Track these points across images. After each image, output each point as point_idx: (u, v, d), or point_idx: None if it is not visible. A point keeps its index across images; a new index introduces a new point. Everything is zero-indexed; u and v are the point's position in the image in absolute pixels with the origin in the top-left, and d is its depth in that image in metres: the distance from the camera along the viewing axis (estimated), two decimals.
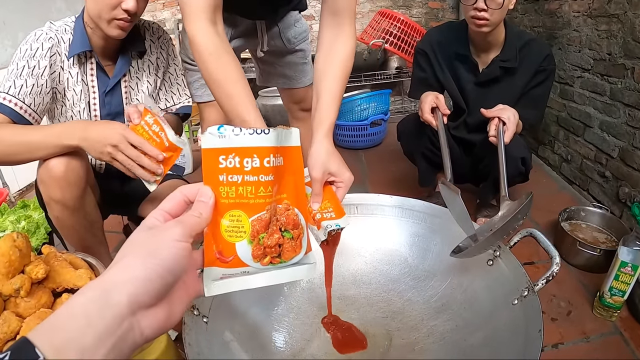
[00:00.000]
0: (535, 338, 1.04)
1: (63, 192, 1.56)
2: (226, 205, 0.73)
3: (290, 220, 0.79)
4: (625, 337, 1.78)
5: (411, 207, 1.65)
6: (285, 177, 0.80)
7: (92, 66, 1.75)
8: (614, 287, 1.78)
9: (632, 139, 2.41)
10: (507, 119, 2.01)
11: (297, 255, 0.78)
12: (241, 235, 0.73)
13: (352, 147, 3.95)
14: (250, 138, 0.74)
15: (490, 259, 1.37)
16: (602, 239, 2.28)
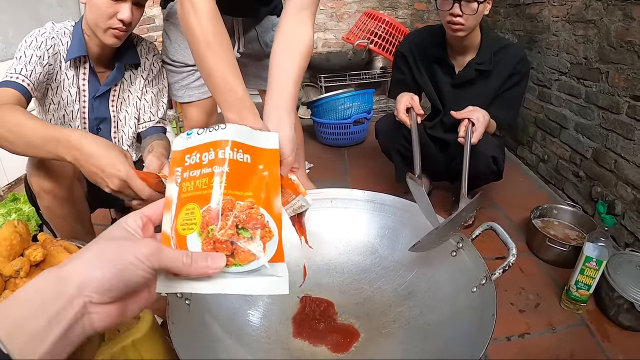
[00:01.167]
0: (489, 320, 1.12)
1: (53, 182, 1.62)
2: (184, 199, 0.73)
3: (252, 218, 0.72)
4: (591, 329, 1.84)
5: (382, 202, 1.72)
6: (252, 176, 0.78)
7: (85, 71, 1.81)
8: (580, 281, 1.84)
9: (605, 141, 2.48)
10: (477, 120, 2.09)
11: (256, 259, 0.70)
12: (192, 227, 0.70)
13: (335, 145, 3.99)
14: (209, 134, 0.78)
15: (454, 250, 1.46)
16: (573, 236, 2.34)
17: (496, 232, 1.39)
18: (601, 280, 1.86)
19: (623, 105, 2.31)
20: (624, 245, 2.30)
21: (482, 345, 1.05)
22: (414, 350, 1.30)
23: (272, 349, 1.38)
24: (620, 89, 2.33)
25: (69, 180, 1.68)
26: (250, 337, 1.39)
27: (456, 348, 1.17)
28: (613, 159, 2.41)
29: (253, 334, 1.41)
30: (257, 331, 1.42)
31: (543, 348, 1.75)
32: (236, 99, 1.29)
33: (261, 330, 1.43)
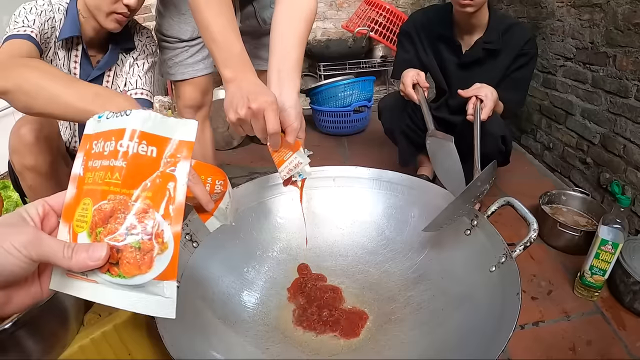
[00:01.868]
0: (513, 300, 1.04)
1: (36, 158, 1.57)
2: (84, 192, 0.64)
3: (143, 227, 0.61)
4: (606, 317, 1.78)
5: (389, 180, 1.64)
6: (154, 173, 0.64)
7: (78, 53, 1.74)
8: (595, 266, 1.78)
9: (613, 126, 2.42)
10: (485, 96, 2.03)
11: (141, 274, 0.60)
12: (82, 226, 0.62)
13: (335, 134, 3.94)
14: (114, 120, 0.66)
15: (468, 228, 1.37)
16: (582, 223, 2.28)
17: (514, 207, 1.30)
18: (616, 266, 1.79)
19: (632, 89, 2.25)
20: (635, 232, 2.24)
21: (509, 328, 0.96)
22: (428, 338, 1.22)
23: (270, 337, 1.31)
24: (628, 72, 2.27)
25: (52, 155, 1.64)
26: (246, 324, 1.32)
27: (475, 334, 1.08)
28: (622, 144, 2.35)
29: (249, 320, 1.34)
30: (254, 317, 1.36)
31: (558, 336, 1.69)
32: (234, 54, 1.26)
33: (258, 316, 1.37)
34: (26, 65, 1.27)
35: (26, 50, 1.43)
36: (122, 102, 1.12)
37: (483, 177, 1.43)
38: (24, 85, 1.19)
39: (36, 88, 1.19)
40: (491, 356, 0.91)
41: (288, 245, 1.59)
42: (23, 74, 1.22)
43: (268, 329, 1.33)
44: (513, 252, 1.17)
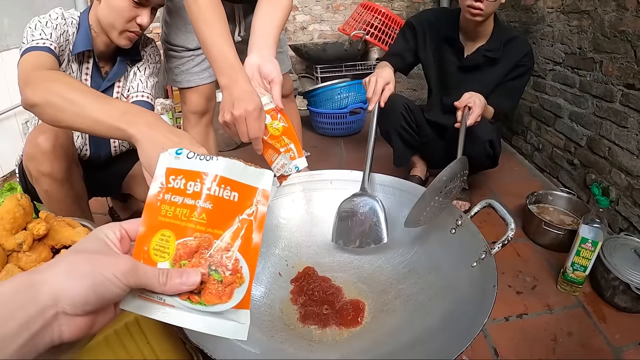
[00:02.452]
0: (490, 291, 1.15)
1: (52, 165, 1.63)
2: (162, 223, 0.71)
3: (225, 263, 0.70)
4: (587, 310, 1.87)
5: (381, 182, 1.75)
6: (235, 216, 0.73)
7: (89, 65, 1.82)
8: (576, 262, 1.88)
9: (599, 129, 2.52)
10: (473, 104, 2.13)
11: (221, 303, 0.69)
12: (164, 256, 0.69)
13: (332, 135, 4.03)
14: (199, 163, 0.73)
15: (453, 227, 1.49)
16: (568, 221, 2.38)
17: (494, 208, 1.42)
18: (597, 263, 1.89)
19: (617, 94, 2.35)
20: (619, 231, 2.33)
21: (484, 314, 1.07)
22: (416, 324, 1.32)
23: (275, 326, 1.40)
24: (614, 78, 2.37)
25: (67, 162, 1.70)
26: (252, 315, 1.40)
27: (457, 320, 1.19)
28: (607, 147, 2.45)
29: (255, 311, 1.42)
30: (259, 308, 1.45)
31: (541, 328, 1.78)
32: (228, 65, 1.42)
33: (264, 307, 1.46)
34: (53, 78, 1.28)
35: (48, 63, 1.49)
36: (150, 118, 1.12)
37: (447, 172, 1.58)
38: (52, 98, 1.21)
39: (64, 102, 1.19)
40: (470, 337, 1.02)
41: (289, 243, 1.68)
42: (51, 88, 1.23)
43: (272, 318, 1.43)
44: (492, 250, 1.29)
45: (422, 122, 2.73)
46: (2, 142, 3.31)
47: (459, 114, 2.16)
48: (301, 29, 4.96)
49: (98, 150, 2.00)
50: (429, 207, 1.50)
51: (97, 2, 1.71)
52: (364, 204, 1.63)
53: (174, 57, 2.14)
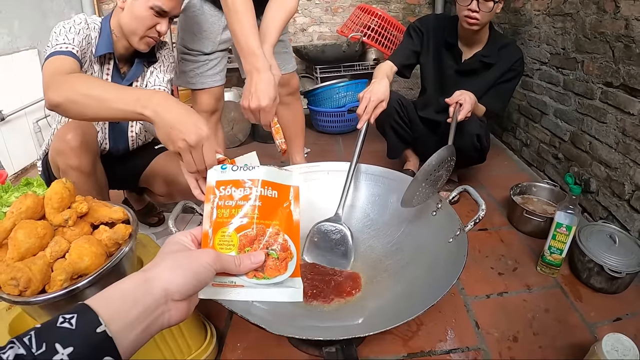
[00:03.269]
0: (460, 259, 1.34)
1: (80, 159, 1.76)
2: (221, 223, 0.89)
3: (278, 244, 0.89)
4: (565, 291, 1.99)
5: (373, 173, 1.94)
6: (278, 208, 0.94)
7: (109, 67, 1.96)
8: (552, 246, 2.02)
9: (581, 124, 2.65)
10: (464, 101, 2.28)
11: (280, 275, 0.86)
12: (230, 248, 0.87)
13: (331, 132, 4.18)
14: (244, 173, 0.95)
15: (434, 210, 1.68)
16: (550, 211, 2.50)
17: (469, 192, 1.60)
18: (573, 246, 2.03)
19: (597, 92, 2.48)
20: (599, 219, 2.45)
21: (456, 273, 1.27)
22: (401, 292, 1.50)
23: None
24: (594, 77, 2.50)
25: (93, 156, 1.82)
26: None
27: (435, 284, 1.35)
28: (588, 141, 2.58)
29: None
30: None
31: (520, 305, 1.91)
32: (251, 53, 1.66)
33: None
34: (72, 80, 1.44)
35: (69, 66, 1.61)
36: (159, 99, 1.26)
37: (435, 157, 1.75)
38: (74, 96, 1.36)
39: (85, 98, 1.34)
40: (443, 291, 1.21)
41: None
42: (72, 87, 1.39)
43: None
44: (466, 227, 1.47)
45: (414, 117, 2.87)
46: (14, 141, 3.38)
47: (450, 110, 2.30)
48: (301, 31, 5.05)
49: (117, 144, 2.13)
50: (420, 188, 1.67)
51: (119, 10, 1.85)
52: (337, 231, 1.75)
53: (190, 60, 2.33)
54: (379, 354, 1.66)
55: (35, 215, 1.23)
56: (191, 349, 1.52)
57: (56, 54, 1.63)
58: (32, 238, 1.13)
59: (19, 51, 3.41)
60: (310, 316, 1.46)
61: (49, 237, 1.19)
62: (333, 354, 1.37)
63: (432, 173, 1.73)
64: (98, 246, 1.18)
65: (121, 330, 0.61)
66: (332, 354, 1.37)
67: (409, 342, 1.71)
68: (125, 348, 0.61)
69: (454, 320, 1.82)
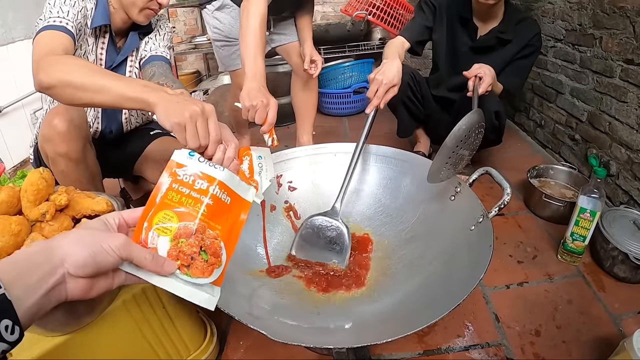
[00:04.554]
0: (486, 251, 1.20)
1: (68, 145, 1.68)
2: (167, 204, 0.87)
3: (213, 247, 0.87)
4: (587, 280, 1.91)
5: (383, 154, 1.81)
6: (226, 216, 0.93)
7: (105, 40, 1.87)
8: (575, 233, 1.91)
9: (599, 104, 2.53)
10: (484, 74, 2.15)
11: (203, 277, 0.84)
12: (166, 232, 0.84)
13: (336, 114, 4.07)
14: (207, 167, 0.93)
15: (453, 195, 1.55)
16: (569, 195, 2.41)
17: (491, 175, 1.47)
18: (596, 233, 1.92)
19: (616, 69, 2.36)
20: (619, 204, 2.35)
21: (482, 270, 1.13)
22: (417, 286, 1.38)
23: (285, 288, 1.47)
24: (613, 54, 2.38)
25: (82, 142, 1.73)
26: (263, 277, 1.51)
27: (456, 279, 1.24)
28: (607, 121, 2.46)
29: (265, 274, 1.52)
30: None
31: (541, 296, 1.82)
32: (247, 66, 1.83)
33: None
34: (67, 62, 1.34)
35: (63, 44, 1.52)
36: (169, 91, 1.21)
37: (465, 121, 1.59)
38: (70, 79, 1.27)
39: (84, 82, 1.26)
40: (468, 290, 1.08)
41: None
42: (67, 70, 1.29)
43: (281, 283, 1.49)
44: (489, 213, 1.34)
45: (427, 94, 2.76)
46: (11, 133, 3.36)
47: (470, 84, 2.17)
48: None
49: (110, 125, 2.04)
50: (450, 157, 1.55)
51: None
52: (332, 228, 1.62)
53: (229, 45, 2.68)
54: (393, 351, 1.58)
55: (11, 210, 1.15)
56: (189, 349, 1.45)
57: (49, 28, 1.55)
58: (5, 236, 1.07)
59: (14, 42, 3.42)
60: (319, 313, 1.36)
61: (25, 234, 1.12)
62: (343, 353, 1.28)
63: (462, 139, 1.59)
64: None
65: (21, 293, 0.63)
66: (342, 353, 1.28)
67: (424, 337, 1.63)
68: (24, 312, 0.62)
69: (473, 314, 1.74)
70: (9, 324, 0.59)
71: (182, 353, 1.42)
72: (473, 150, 1.71)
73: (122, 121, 2.09)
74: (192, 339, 1.45)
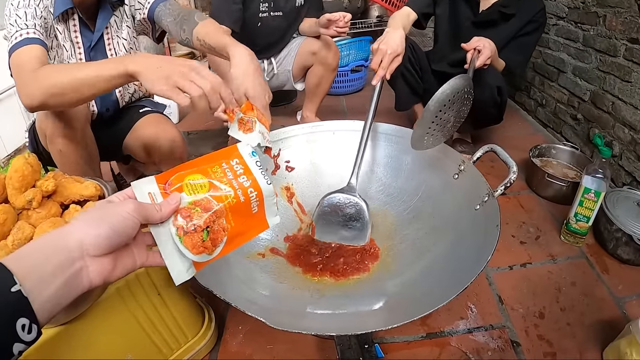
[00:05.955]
0: (493, 231, 1.16)
1: (66, 124, 1.64)
2: (208, 173, 0.88)
3: (216, 235, 0.86)
4: (590, 261, 1.88)
5: (384, 131, 1.76)
6: (244, 220, 0.91)
7: (75, 22, 1.79)
8: (579, 213, 1.88)
9: (602, 83, 2.49)
10: (483, 47, 2.09)
11: (190, 251, 0.82)
12: (191, 193, 0.83)
13: (334, 93, 3.98)
14: (258, 172, 0.92)
15: (456, 173, 1.51)
16: (571, 175, 2.38)
17: (496, 152, 1.43)
18: (600, 214, 1.89)
19: (620, 48, 2.32)
20: (622, 185, 2.32)
21: (489, 252, 1.09)
22: (421, 267, 1.34)
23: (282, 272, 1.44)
24: (617, 32, 2.33)
25: (82, 122, 1.70)
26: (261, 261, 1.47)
27: (461, 261, 1.21)
28: (610, 101, 2.43)
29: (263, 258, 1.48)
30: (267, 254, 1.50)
31: (544, 277, 1.79)
32: None
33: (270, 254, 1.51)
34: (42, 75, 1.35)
35: (37, 56, 1.47)
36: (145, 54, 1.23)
37: (450, 85, 1.55)
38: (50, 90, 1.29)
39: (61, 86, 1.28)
40: (475, 273, 1.04)
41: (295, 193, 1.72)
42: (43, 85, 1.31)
43: (279, 266, 1.46)
44: (495, 192, 1.30)
45: (426, 67, 2.72)
46: (4, 121, 3.30)
47: (468, 56, 2.12)
48: None
49: (105, 104, 2.00)
50: (433, 121, 1.50)
51: None
52: (351, 205, 1.58)
53: None
54: (395, 335, 1.54)
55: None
56: (187, 336, 1.41)
57: (18, 47, 1.50)
58: None
59: (2, 29, 3.27)
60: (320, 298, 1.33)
61: (11, 223, 1.09)
62: (345, 337, 1.24)
63: (447, 104, 1.54)
64: None
65: (35, 286, 0.59)
66: (344, 337, 1.24)
67: (427, 320, 1.59)
68: (40, 305, 0.59)
69: (476, 295, 1.70)
70: (26, 323, 0.56)
71: (180, 340, 1.38)
72: (460, 118, 1.67)
73: (117, 97, 2.04)
74: (190, 325, 1.41)
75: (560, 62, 2.93)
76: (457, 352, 1.48)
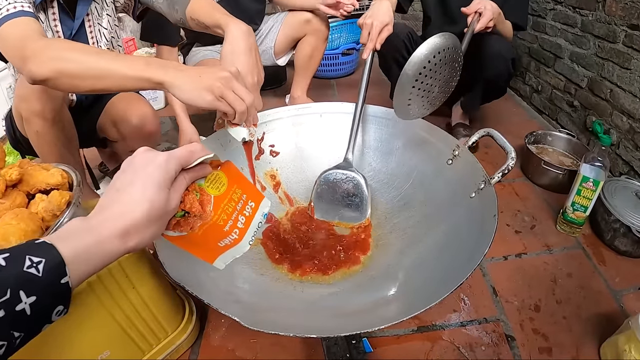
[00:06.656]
0: (490, 221, 1.10)
1: (43, 104, 1.59)
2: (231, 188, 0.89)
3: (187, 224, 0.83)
4: (587, 252, 1.83)
5: (374, 114, 1.70)
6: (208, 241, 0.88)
7: (55, 10, 1.71)
8: (576, 202, 1.83)
9: (600, 70, 2.44)
10: (484, 9, 2.01)
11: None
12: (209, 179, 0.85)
13: (324, 77, 3.94)
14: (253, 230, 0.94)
15: (450, 158, 1.44)
16: (567, 163, 2.32)
17: (493, 137, 1.37)
18: (597, 204, 1.84)
19: (620, 34, 2.26)
20: (619, 175, 2.28)
21: (486, 243, 1.03)
22: (412, 258, 1.29)
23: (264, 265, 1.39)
24: (617, 18, 2.28)
25: (58, 102, 1.65)
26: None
27: (456, 252, 1.15)
28: (609, 88, 2.38)
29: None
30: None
31: (540, 268, 1.75)
32: None
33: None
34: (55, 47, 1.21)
35: (37, 28, 1.32)
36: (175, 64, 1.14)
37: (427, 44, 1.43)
38: (66, 68, 1.16)
39: (81, 68, 1.15)
40: (471, 267, 0.99)
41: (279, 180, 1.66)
42: (60, 56, 1.17)
43: (262, 256, 1.40)
44: (492, 179, 1.23)
45: None
46: None
47: (469, 20, 2.05)
48: None
49: None
50: (414, 86, 1.40)
51: None
52: (348, 180, 1.54)
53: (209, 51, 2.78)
54: (385, 329, 1.48)
55: None
56: (167, 330, 1.35)
57: (9, 18, 1.33)
58: None
59: None
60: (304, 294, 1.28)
61: None
62: None
63: (427, 66, 1.40)
64: (29, 221, 1.03)
65: (78, 278, 0.61)
66: None
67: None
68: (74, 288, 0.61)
69: (470, 287, 1.65)
70: (61, 309, 0.59)
71: (159, 335, 1.32)
72: (448, 82, 1.54)
73: None
74: (169, 319, 1.35)
75: (557, 47, 2.87)
76: (450, 347, 1.42)
